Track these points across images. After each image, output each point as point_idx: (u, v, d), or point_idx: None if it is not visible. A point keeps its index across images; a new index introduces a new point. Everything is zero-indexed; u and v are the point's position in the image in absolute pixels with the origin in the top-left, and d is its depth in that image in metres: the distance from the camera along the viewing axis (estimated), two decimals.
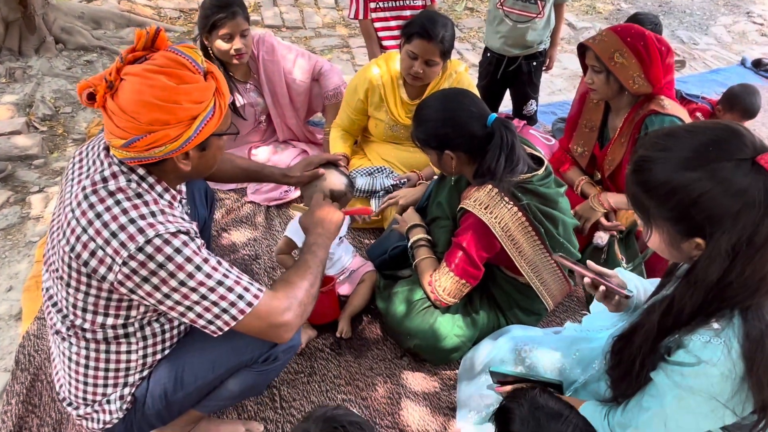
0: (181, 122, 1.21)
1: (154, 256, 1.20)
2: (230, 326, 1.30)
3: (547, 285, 1.89)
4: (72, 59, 4.21)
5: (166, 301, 1.25)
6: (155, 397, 1.48)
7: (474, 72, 4.10)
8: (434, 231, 2.03)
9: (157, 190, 1.32)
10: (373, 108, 2.69)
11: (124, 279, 1.22)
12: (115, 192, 1.25)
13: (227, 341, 1.37)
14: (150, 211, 1.25)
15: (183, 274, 1.23)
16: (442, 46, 2.35)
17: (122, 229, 1.21)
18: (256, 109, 2.91)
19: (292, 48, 2.89)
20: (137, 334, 1.40)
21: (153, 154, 1.23)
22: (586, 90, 2.35)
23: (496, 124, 1.73)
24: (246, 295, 1.30)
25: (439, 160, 1.83)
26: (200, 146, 1.30)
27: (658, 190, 1.06)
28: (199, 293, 1.25)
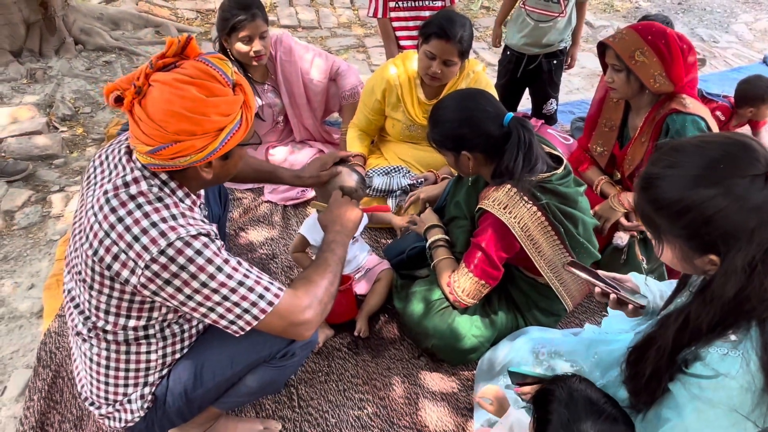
0: (207, 133, 1.22)
1: (175, 259, 1.22)
2: (252, 326, 1.32)
3: (567, 285, 1.89)
4: (91, 60, 4.28)
5: (189, 302, 1.27)
6: (175, 395, 1.49)
7: (491, 71, 4.09)
8: (452, 231, 2.03)
9: (179, 195, 1.34)
10: (390, 108, 2.70)
11: (147, 282, 1.24)
12: (136, 196, 1.27)
13: (246, 338, 1.38)
14: (171, 214, 1.26)
15: (204, 275, 1.24)
16: (461, 46, 2.35)
17: (144, 233, 1.22)
18: (273, 109, 2.93)
19: (310, 48, 2.91)
20: (157, 335, 1.42)
21: (177, 163, 1.24)
22: (606, 89, 2.34)
23: (512, 123, 1.73)
24: (267, 295, 1.32)
25: (456, 161, 1.83)
26: (223, 156, 1.32)
27: (670, 207, 1.04)
28: (221, 294, 1.27)
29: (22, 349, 2.14)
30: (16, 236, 2.68)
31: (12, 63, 4.01)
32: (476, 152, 1.78)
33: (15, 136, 3.29)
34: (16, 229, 2.72)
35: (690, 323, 1.10)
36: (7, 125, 3.38)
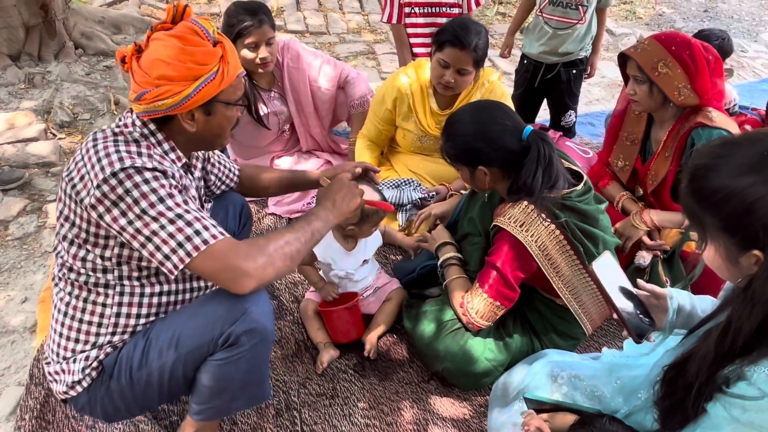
0: (185, 80, 1.42)
1: (123, 182, 1.38)
2: (185, 263, 1.38)
3: (586, 307, 1.88)
4: (91, 65, 4.34)
5: (128, 228, 1.39)
6: (121, 371, 1.54)
7: (507, 81, 4.11)
8: (466, 248, 2.03)
9: (164, 147, 1.52)
10: (401, 118, 2.72)
11: (96, 202, 1.39)
12: (118, 133, 1.48)
13: (190, 318, 1.51)
14: (138, 151, 1.45)
15: (145, 202, 1.38)
16: (475, 54, 2.37)
17: (107, 156, 1.41)
18: (279, 117, 2.96)
19: (318, 55, 2.94)
20: (116, 288, 1.54)
21: (158, 106, 1.44)
22: (627, 101, 2.34)
23: (532, 137, 1.74)
24: (204, 233, 1.39)
25: (472, 177, 1.84)
26: (206, 110, 1.50)
27: (712, 197, 1.07)
28: (159, 223, 1.38)
29: (14, 365, 2.16)
30: (10, 247, 2.71)
31: (10, 67, 4.07)
32: (493, 167, 1.79)
33: (11, 143, 3.34)
34: (10, 240, 2.75)
35: (731, 327, 1.09)
36: (3, 131, 3.43)
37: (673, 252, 2.28)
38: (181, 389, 1.60)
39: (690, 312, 1.42)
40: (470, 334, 1.92)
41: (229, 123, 1.57)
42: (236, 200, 2.09)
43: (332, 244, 2.18)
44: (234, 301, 1.49)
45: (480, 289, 1.82)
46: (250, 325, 1.49)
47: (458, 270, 1.98)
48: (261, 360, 1.61)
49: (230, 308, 1.49)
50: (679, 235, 2.27)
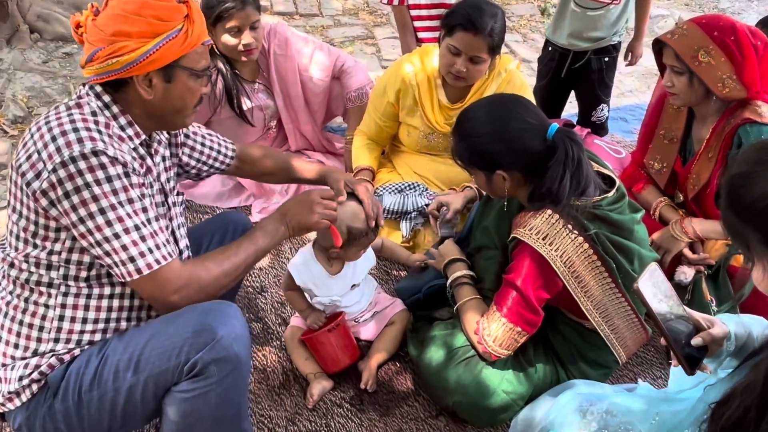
0: (143, 37, 1.46)
1: (83, 173, 1.43)
2: (132, 278, 1.51)
3: (620, 333, 1.87)
4: (49, 51, 4.35)
5: (80, 226, 1.46)
6: (69, 389, 1.55)
7: (526, 70, 4.12)
8: (479, 264, 2.03)
9: (120, 121, 1.56)
10: (405, 113, 2.72)
11: (49, 188, 1.43)
12: (73, 107, 1.52)
13: (153, 338, 1.53)
14: (98, 128, 1.49)
15: (106, 202, 1.45)
16: (491, 40, 2.38)
17: (63, 135, 1.44)
18: (265, 112, 2.97)
19: (309, 40, 2.95)
20: (60, 287, 1.57)
21: (111, 65, 1.47)
22: (664, 93, 2.35)
23: (558, 136, 1.74)
24: (155, 253, 1.52)
25: (489, 182, 1.84)
26: (166, 76, 1.53)
27: (752, 209, 1.07)
28: (113, 230, 1.47)
29: None
30: None
31: None
32: (513, 171, 1.79)
33: None
34: None
35: None
36: None
37: (719, 267, 2.27)
38: (137, 419, 1.60)
39: (746, 340, 1.42)
40: (485, 362, 1.92)
41: (192, 96, 1.61)
42: (238, 220, 2.13)
43: (313, 266, 2.15)
44: (204, 323, 1.50)
45: (497, 312, 1.81)
46: (220, 353, 1.49)
47: (471, 290, 1.98)
48: (236, 393, 1.60)
49: (199, 331, 1.50)
50: (725, 248, 2.26)
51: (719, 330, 1.38)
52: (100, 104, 1.55)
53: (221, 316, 1.54)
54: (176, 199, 1.80)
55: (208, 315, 1.54)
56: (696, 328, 1.39)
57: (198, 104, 1.65)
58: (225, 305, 1.59)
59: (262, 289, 2.57)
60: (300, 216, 1.79)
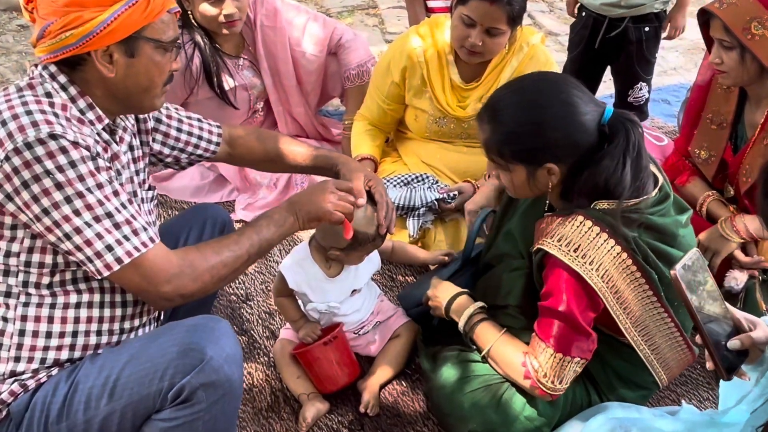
0: (99, 6, 1.47)
1: (42, 160, 1.43)
2: (112, 270, 1.50)
3: (661, 353, 1.86)
4: (1, 23, 4.38)
5: (44, 219, 1.46)
6: (33, 421, 1.54)
7: (552, 44, 4.12)
8: (502, 276, 2.00)
9: (79, 104, 1.57)
10: (412, 94, 2.73)
11: (3, 180, 1.44)
12: (24, 88, 1.53)
13: (132, 360, 1.53)
14: (53, 111, 1.50)
15: (72, 190, 1.45)
16: (510, 8, 2.38)
17: (14, 119, 1.45)
18: (250, 93, 2.98)
19: (302, 10, 2.97)
20: (20, 297, 1.58)
21: (64, 39, 1.47)
22: (711, 71, 2.35)
23: (616, 119, 1.69)
24: (133, 239, 1.52)
25: (531, 178, 1.77)
26: (128, 50, 1.54)
27: None
28: (83, 219, 1.47)
29: None
30: None
31: None
32: (564, 164, 1.73)
33: None
34: None
35: None
36: None
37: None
38: None
39: None
40: (508, 384, 1.91)
41: (160, 73, 1.62)
42: (217, 215, 2.14)
43: (309, 267, 2.16)
44: (191, 342, 1.50)
45: (543, 343, 1.75)
46: (210, 377, 1.49)
47: (493, 326, 1.91)
48: (225, 420, 1.61)
49: (185, 351, 1.49)
50: None
51: (762, 333, 1.38)
52: (55, 86, 1.55)
53: (210, 334, 1.53)
54: (146, 195, 1.81)
55: (194, 332, 1.53)
56: (736, 329, 1.40)
57: (168, 82, 1.66)
58: (213, 320, 1.59)
59: (248, 298, 2.58)
60: (312, 205, 1.79)
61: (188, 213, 2.21)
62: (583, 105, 1.72)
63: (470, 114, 2.66)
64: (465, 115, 2.67)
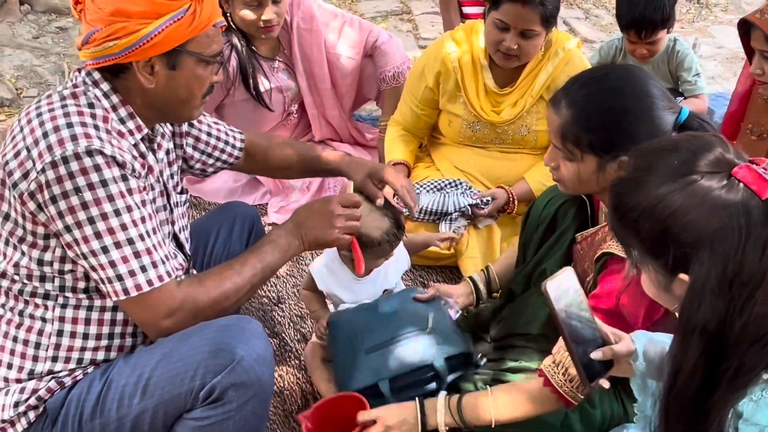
0: (145, 18, 1.47)
1: (75, 176, 1.44)
2: (118, 298, 1.52)
3: None
4: (40, 25, 4.46)
5: (66, 235, 1.48)
6: (69, 418, 1.56)
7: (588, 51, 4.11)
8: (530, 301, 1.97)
9: (120, 113, 1.58)
10: (446, 99, 2.74)
11: (36, 190, 1.46)
12: (68, 97, 1.54)
13: (164, 359, 1.54)
14: (94, 123, 1.51)
15: (97, 211, 1.46)
16: (543, 9, 2.38)
17: (56, 131, 1.46)
18: (285, 95, 3.01)
19: (339, 14, 2.99)
20: (58, 299, 1.59)
21: (108, 48, 1.47)
22: (752, 81, 2.34)
23: (692, 120, 1.66)
24: (150, 272, 1.52)
25: (600, 172, 1.70)
26: (169, 62, 1.54)
27: (629, 216, 1.20)
28: (102, 243, 1.48)
29: None
30: None
31: None
32: None
33: None
34: None
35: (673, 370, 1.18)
36: None
37: None
38: None
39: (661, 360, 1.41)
40: None
41: (200, 85, 1.62)
42: (246, 213, 2.15)
43: (337, 269, 2.16)
44: (222, 342, 1.51)
45: None
46: (241, 377, 1.51)
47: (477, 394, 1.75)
48: (256, 420, 1.62)
49: (216, 351, 1.51)
50: None
51: (623, 347, 1.41)
52: (98, 93, 1.56)
53: (241, 334, 1.54)
54: (179, 199, 1.83)
55: (225, 332, 1.55)
56: (603, 341, 1.43)
57: (207, 94, 1.66)
58: (244, 321, 1.60)
59: (279, 301, 2.60)
60: (317, 230, 1.80)
61: (217, 211, 2.22)
62: (664, 101, 1.68)
63: (504, 119, 2.66)
64: (499, 120, 2.67)
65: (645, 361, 1.41)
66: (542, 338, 1.92)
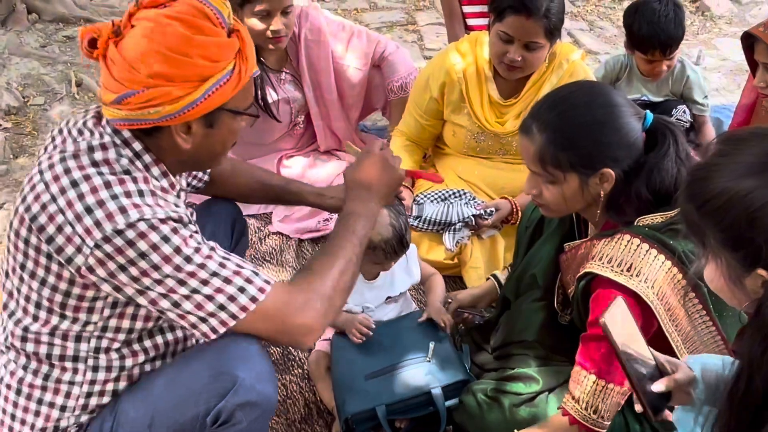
0: (188, 81, 1.37)
1: (135, 243, 1.37)
2: (228, 326, 1.45)
3: None
4: (48, 34, 4.49)
5: (148, 293, 1.41)
6: None
7: (593, 63, 4.13)
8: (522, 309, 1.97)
9: (154, 172, 1.50)
10: (450, 109, 2.75)
11: (96, 265, 1.38)
12: (100, 163, 1.43)
13: (167, 388, 1.51)
14: (138, 189, 1.42)
15: (170, 267, 1.39)
16: (547, 22, 2.40)
17: (100, 205, 1.37)
18: (292, 106, 3.02)
19: (346, 26, 3.01)
20: (88, 361, 1.54)
21: (146, 114, 1.37)
22: (756, 93, 2.35)
23: (658, 124, 1.67)
24: (249, 288, 1.45)
25: (584, 188, 1.70)
26: (207, 121, 1.46)
27: (712, 203, 1.15)
28: (189, 287, 1.41)
29: None
30: None
31: None
32: (618, 168, 1.66)
33: None
34: None
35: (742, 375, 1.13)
36: None
37: None
38: None
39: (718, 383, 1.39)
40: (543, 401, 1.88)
41: (233, 137, 1.57)
42: (226, 210, 2.12)
43: None
44: (221, 365, 1.49)
45: (584, 371, 1.67)
46: (246, 397, 1.50)
47: None
48: None
49: (216, 375, 1.49)
50: None
51: (683, 375, 1.39)
52: (130, 153, 1.47)
53: (238, 353, 1.52)
54: None
55: (222, 354, 1.51)
56: (660, 372, 1.41)
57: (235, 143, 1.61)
58: (240, 339, 1.54)
59: None
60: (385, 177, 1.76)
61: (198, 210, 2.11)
62: (629, 108, 1.69)
63: (509, 130, 2.68)
64: (503, 131, 2.68)
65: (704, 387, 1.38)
66: (538, 344, 1.93)
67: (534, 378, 1.91)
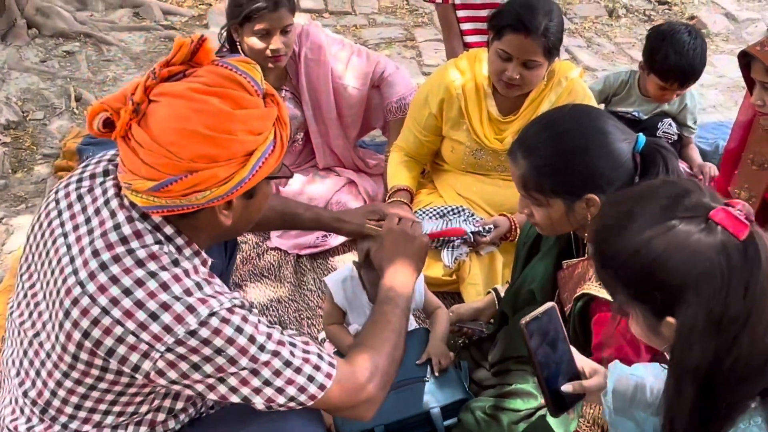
0: (233, 159, 1.28)
1: (211, 341, 1.31)
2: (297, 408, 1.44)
3: None
4: (48, 49, 4.51)
5: (219, 388, 1.36)
6: None
7: (590, 79, 4.15)
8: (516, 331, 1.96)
9: (185, 253, 1.40)
10: (449, 126, 2.77)
11: (166, 368, 1.32)
12: (145, 261, 1.32)
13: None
14: (195, 282, 1.34)
15: (246, 359, 1.34)
16: (546, 41, 2.41)
17: (165, 309, 1.29)
18: (291, 123, 3.01)
19: (347, 45, 3.03)
20: None
21: (192, 201, 1.29)
22: (753, 111, 2.36)
23: (650, 147, 1.67)
24: (317, 377, 1.43)
25: (569, 213, 1.71)
26: (247, 193, 1.38)
27: (614, 262, 1.24)
28: (262, 378, 1.38)
29: None
30: None
31: None
32: (604, 194, 1.64)
33: None
34: None
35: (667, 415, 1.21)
36: None
37: None
38: None
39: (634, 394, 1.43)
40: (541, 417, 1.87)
41: (267, 201, 1.50)
42: None
43: (355, 287, 2.19)
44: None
45: None
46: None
47: None
48: None
49: None
50: None
51: (594, 383, 1.45)
52: (161, 238, 1.37)
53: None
54: None
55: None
56: (577, 375, 1.46)
57: None
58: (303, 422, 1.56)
59: (281, 324, 2.60)
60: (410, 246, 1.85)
61: None
62: (618, 133, 1.69)
63: (507, 147, 2.67)
64: (502, 148, 2.69)
65: (613, 397, 1.43)
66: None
67: (532, 394, 1.92)
